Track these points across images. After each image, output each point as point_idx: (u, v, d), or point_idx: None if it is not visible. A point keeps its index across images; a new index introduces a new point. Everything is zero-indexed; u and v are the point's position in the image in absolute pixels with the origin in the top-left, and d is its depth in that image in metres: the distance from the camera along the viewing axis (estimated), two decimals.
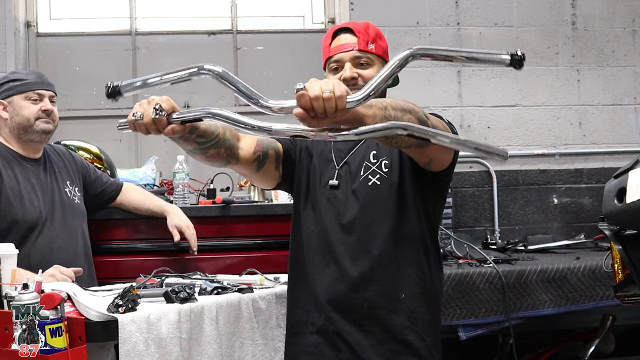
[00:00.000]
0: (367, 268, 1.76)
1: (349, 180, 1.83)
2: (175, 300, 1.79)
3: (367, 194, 1.79)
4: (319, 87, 1.29)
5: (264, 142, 1.87)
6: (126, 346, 1.61)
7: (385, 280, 1.76)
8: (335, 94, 1.29)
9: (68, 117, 4.08)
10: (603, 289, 2.85)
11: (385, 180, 1.79)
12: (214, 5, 4.28)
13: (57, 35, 4.15)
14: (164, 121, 1.53)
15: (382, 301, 1.75)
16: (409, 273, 1.77)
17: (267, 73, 4.27)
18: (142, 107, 1.55)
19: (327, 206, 1.83)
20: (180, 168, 3.06)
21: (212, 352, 1.80)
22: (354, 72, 1.81)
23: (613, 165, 4.04)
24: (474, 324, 2.82)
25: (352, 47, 1.82)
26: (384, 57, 1.86)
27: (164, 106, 1.52)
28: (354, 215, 1.79)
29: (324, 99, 1.29)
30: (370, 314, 1.75)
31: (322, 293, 1.79)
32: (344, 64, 1.83)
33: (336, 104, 1.30)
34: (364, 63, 1.83)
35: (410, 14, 4.07)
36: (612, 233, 1.67)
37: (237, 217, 2.94)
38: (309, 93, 1.29)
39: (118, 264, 2.80)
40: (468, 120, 4.08)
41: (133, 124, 1.56)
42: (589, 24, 4.22)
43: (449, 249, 3.23)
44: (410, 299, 1.76)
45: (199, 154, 1.72)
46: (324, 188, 1.85)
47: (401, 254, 1.77)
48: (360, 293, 1.76)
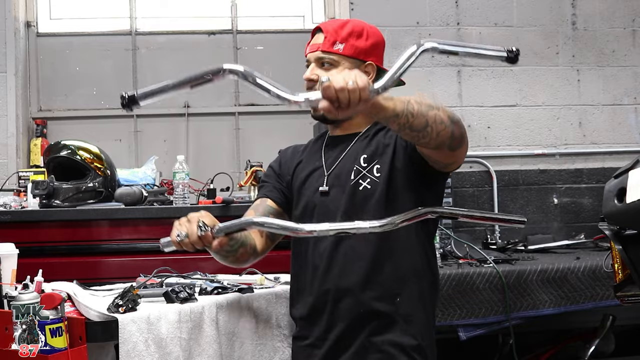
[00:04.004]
0: (362, 274, 1.73)
1: (339, 185, 1.80)
2: (176, 300, 1.79)
3: (358, 200, 1.76)
4: (343, 79, 1.33)
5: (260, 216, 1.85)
6: (126, 346, 1.61)
7: (381, 286, 1.73)
8: (358, 85, 1.34)
9: (68, 117, 4.09)
10: (603, 289, 2.85)
11: (376, 185, 1.75)
12: (214, 5, 4.28)
13: (57, 35, 4.15)
14: (210, 236, 1.60)
15: (378, 306, 1.73)
16: (404, 277, 1.75)
17: (267, 73, 4.23)
18: (183, 226, 1.62)
19: (318, 212, 1.80)
20: (180, 168, 3.06)
21: (212, 352, 1.80)
22: (313, 74, 1.79)
23: (613, 165, 4.04)
24: (474, 324, 2.82)
25: (317, 47, 1.81)
26: (357, 57, 1.81)
27: (207, 222, 1.58)
28: (342, 220, 1.72)
29: (348, 90, 1.33)
30: (367, 319, 1.73)
31: (318, 302, 1.77)
32: (311, 64, 1.82)
33: (360, 94, 1.34)
34: (326, 64, 1.79)
35: (410, 13, 4.07)
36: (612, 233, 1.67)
37: (237, 217, 2.93)
38: (334, 85, 1.33)
39: (118, 264, 2.80)
40: (468, 120, 4.08)
41: (179, 243, 1.62)
42: (589, 24, 4.22)
43: (449, 249, 3.23)
44: (406, 302, 1.74)
45: (231, 256, 1.75)
46: (314, 195, 1.83)
47: (396, 258, 1.74)
48: (355, 298, 1.73)
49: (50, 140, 3.78)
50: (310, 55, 1.83)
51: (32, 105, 4.08)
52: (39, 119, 4.00)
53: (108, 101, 4.15)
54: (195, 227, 1.60)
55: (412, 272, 1.76)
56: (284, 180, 1.94)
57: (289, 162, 1.96)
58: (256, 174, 3.36)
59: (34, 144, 3.91)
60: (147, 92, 1.50)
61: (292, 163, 1.95)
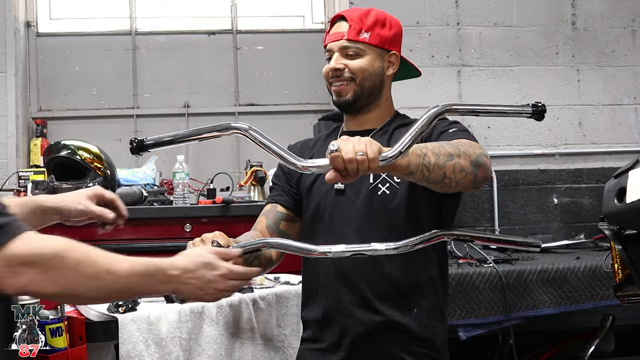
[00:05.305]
0: (378, 283, 1.68)
1: (354, 185, 1.72)
2: (175, 300, 1.79)
3: (375, 204, 1.70)
4: (352, 149, 1.29)
5: (272, 226, 1.79)
6: (126, 346, 1.62)
7: (398, 295, 1.68)
8: (368, 156, 1.30)
9: (68, 117, 4.09)
10: (603, 289, 2.85)
11: (395, 190, 1.70)
12: (213, 5, 4.27)
13: (57, 35, 4.15)
14: None
15: (396, 316, 1.68)
16: (421, 287, 1.70)
17: (267, 73, 4.27)
18: (197, 246, 1.55)
19: (331, 214, 1.74)
20: (180, 168, 3.06)
21: (212, 352, 1.80)
22: (339, 63, 1.73)
23: (613, 165, 4.04)
24: (474, 323, 2.81)
25: (341, 36, 1.74)
26: (382, 47, 1.76)
27: (221, 242, 1.52)
28: (358, 224, 1.69)
29: (357, 161, 1.29)
30: (383, 329, 1.68)
31: (332, 308, 1.72)
32: (334, 53, 1.76)
33: (369, 165, 1.31)
34: (353, 54, 1.73)
35: (410, 13, 4.07)
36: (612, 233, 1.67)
37: (237, 217, 2.95)
38: (342, 155, 1.29)
39: None
40: (468, 120, 4.07)
41: None
42: (589, 24, 4.21)
43: (449, 248, 3.23)
44: (423, 312, 1.70)
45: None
46: (328, 194, 1.76)
47: (413, 267, 1.69)
48: (372, 307, 1.68)
49: (50, 140, 3.77)
50: (333, 44, 1.75)
51: (32, 105, 4.08)
52: (38, 119, 4.00)
53: (108, 101, 4.15)
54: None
55: (429, 282, 1.72)
56: (294, 179, 1.86)
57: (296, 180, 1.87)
58: (256, 174, 3.36)
59: (34, 144, 3.91)
60: (157, 140, 1.51)
61: (298, 178, 1.86)
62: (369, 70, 1.74)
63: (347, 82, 1.74)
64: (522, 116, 1.49)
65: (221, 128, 1.48)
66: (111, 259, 1.21)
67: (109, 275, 1.19)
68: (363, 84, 1.75)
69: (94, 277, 1.17)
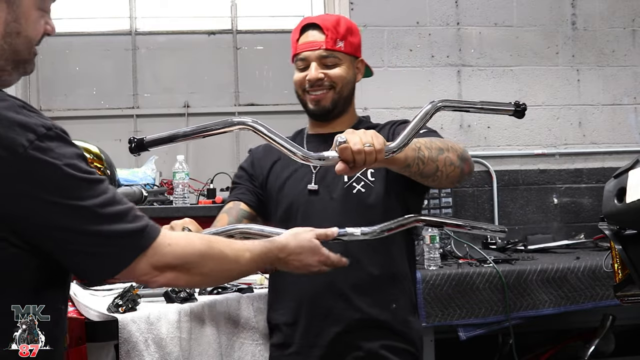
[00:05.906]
0: (356, 278, 1.68)
1: (328, 185, 1.74)
2: (175, 300, 1.79)
3: (351, 202, 1.71)
4: (360, 140, 1.34)
5: (234, 222, 1.76)
6: (126, 346, 1.62)
7: (376, 291, 1.70)
8: (375, 147, 1.35)
9: (68, 117, 4.09)
10: (603, 289, 2.85)
11: (370, 189, 1.72)
12: (213, 5, 4.28)
13: (57, 35, 4.12)
14: None
15: (375, 313, 1.70)
16: (399, 282, 1.73)
17: (267, 73, 4.27)
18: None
19: (304, 213, 1.73)
20: (180, 168, 3.06)
21: (212, 352, 1.80)
22: (319, 73, 1.76)
23: (613, 165, 4.04)
24: (474, 323, 2.82)
25: (319, 45, 1.77)
26: (354, 55, 1.80)
27: (192, 228, 1.55)
28: (335, 221, 1.64)
29: (365, 152, 1.34)
30: (362, 325, 1.70)
31: (305, 306, 1.72)
32: (310, 63, 1.78)
33: (376, 156, 1.35)
34: (331, 64, 1.76)
35: (410, 13, 4.06)
36: (612, 233, 1.67)
37: None
38: (351, 146, 1.33)
39: None
40: (468, 120, 4.08)
41: None
42: (589, 24, 4.21)
43: (449, 248, 3.23)
44: (400, 307, 1.72)
45: None
46: (301, 194, 1.76)
47: (390, 262, 1.72)
48: (349, 303, 1.69)
49: None
50: (310, 53, 1.78)
51: (32, 105, 4.07)
52: None
53: (108, 101, 4.15)
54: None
55: (404, 276, 1.74)
56: (257, 181, 1.86)
57: (263, 160, 1.89)
58: None
59: None
60: (156, 138, 1.52)
61: (266, 162, 1.87)
62: (346, 78, 1.79)
63: (326, 90, 1.78)
64: (505, 113, 1.60)
65: (227, 124, 1.47)
66: (236, 250, 1.33)
67: (236, 265, 1.33)
68: (342, 91, 1.79)
69: (225, 270, 1.32)
